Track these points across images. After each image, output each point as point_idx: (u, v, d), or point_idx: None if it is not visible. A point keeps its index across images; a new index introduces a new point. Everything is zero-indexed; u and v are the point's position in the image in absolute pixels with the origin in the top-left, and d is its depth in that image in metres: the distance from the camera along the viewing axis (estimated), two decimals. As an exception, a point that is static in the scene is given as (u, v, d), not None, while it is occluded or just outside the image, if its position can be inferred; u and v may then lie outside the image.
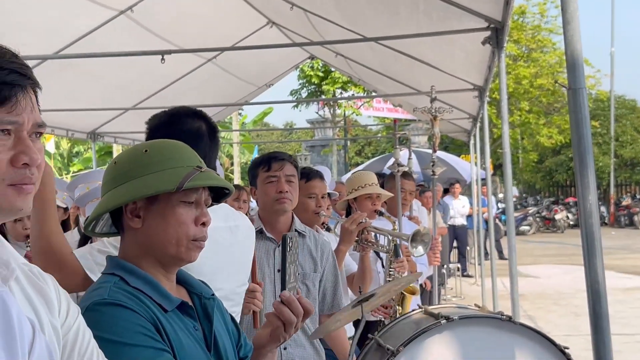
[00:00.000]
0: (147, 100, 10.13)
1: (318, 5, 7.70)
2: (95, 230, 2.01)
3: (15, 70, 1.27)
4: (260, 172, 3.56)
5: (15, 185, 1.26)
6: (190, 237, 1.88)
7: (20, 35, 6.75)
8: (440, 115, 4.93)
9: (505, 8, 4.64)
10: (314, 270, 3.61)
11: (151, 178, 1.84)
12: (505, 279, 9.87)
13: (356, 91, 28.31)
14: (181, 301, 1.88)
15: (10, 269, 1.31)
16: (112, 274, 1.87)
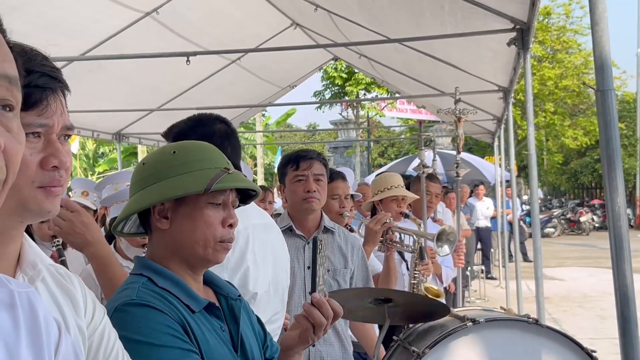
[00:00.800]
0: (172, 102, 10.18)
1: (342, 6, 7.70)
2: (123, 231, 2.03)
3: (47, 74, 1.29)
4: (289, 170, 3.58)
5: (44, 188, 1.27)
6: (217, 239, 1.89)
7: (48, 36, 6.81)
8: (465, 117, 4.91)
9: (531, 9, 4.60)
10: (345, 266, 3.62)
11: (179, 180, 1.85)
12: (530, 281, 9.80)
13: (380, 92, 28.28)
14: (208, 302, 1.89)
15: (37, 269, 1.33)
16: (140, 275, 1.89)
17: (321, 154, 3.70)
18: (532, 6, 4.51)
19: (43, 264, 1.35)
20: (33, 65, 1.27)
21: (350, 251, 3.67)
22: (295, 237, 3.58)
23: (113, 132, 10.97)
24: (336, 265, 3.59)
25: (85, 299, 1.45)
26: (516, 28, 4.97)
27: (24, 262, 1.32)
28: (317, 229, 3.63)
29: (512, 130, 8.70)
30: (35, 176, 1.25)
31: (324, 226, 3.64)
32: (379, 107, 31.07)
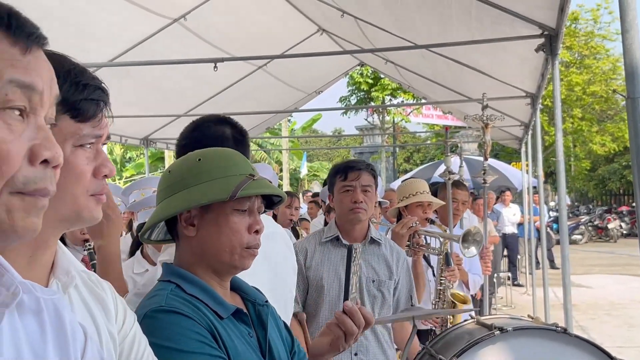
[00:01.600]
0: (198, 107, 10.24)
1: (369, 12, 7.70)
2: (150, 238, 2.04)
3: (99, 87, 1.34)
4: (337, 180, 3.60)
5: (95, 196, 1.31)
6: (243, 245, 1.89)
7: (77, 42, 6.89)
8: (492, 123, 4.88)
9: (559, 15, 4.57)
10: (389, 277, 3.63)
11: (205, 187, 1.86)
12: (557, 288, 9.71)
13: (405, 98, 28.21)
14: (236, 308, 1.90)
15: (70, 276, 1.34)
16: (168, 281, 1.90)
17: (370, 164, 3.71)
18: (561, 12, 4.48)
19: (76, 271, 1.37)
20: (87, 79, 1.32)
21: (396, 262, 3.67)
22: (341, 247, 3.60)
23: (141, 138, 11.06)
24: (381, 276, 3.60)
25: (116, 305, 1.47)
26: (544, 34, 4.94)
27: (58, 269, 1.34)
28: (364, 239, 3.64)
29: (539, 137, 8.64)
30: (90, 185, 1.30)
31: (370, 237, 3.64)
32: (405, 113, 31.01)
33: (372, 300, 3.54)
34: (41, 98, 0.90)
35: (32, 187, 0.88)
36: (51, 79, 0.94)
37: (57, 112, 1.27)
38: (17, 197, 0.87)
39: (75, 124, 1.29)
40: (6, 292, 0.93)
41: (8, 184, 0.86)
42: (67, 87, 1.29)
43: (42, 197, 0.90)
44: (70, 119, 1.29)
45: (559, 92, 5.10)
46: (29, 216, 0.88)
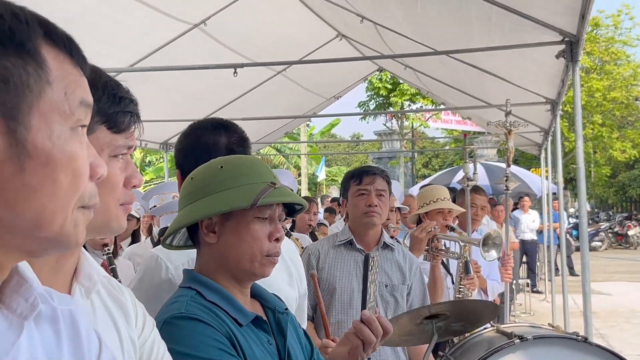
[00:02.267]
0: (218, 112, 10.26)
1: (388, 18, 7.70)
2: (172, 244, 2.05)
3: (132, 100, 1.38)
4: (352, 185, 3.62)
5: (124, 205, 1.36)
6: (264, 253, 1.90)
7: (98, 47, 6.94)
8: (515, 130, 4.85)
9: (580, 22, 4.55)
10: (402, 282, 3.63)
11: (226, 194, 1.87)
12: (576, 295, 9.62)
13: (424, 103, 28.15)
14: (256, 315, 1.90)
15: (93, 281, 1.37)
16: (188, 288, 1.91)
17: (384, 171, 3.75)
18: (582, 19, 4.46)
19: (98, 277, 1.39)
20: (122, 92, 1.37)
21: (409, 268, 3.68)
22: (354, 251, 3.61)
23: (160, 142, 11.11)
24: (394, 281, 3.60)
25: (136, 310, 1.49)
26: (565, 40, 4.92)
27: (81, 274, 1.36)
28: (377, 244, 3.64)
29: (559, 143, 8.59)
30: (121, 195, 1.34)
31: (383, 242, 3.65)
32: (424, 118, 30.95)
33: (385, 306, 3.54)
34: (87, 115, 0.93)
35: (93, 201, 0.93)
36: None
37: (95, 122, 1.30)
38: (80, 212, 0.91)
39: (111, 135, 1.33)
40: (25, 303, 0.94)
41: (80, 200, 0.90)
42: (105, 100, 1.33)
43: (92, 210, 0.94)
44: (107, 130, 1.32)
45: (579, 99, 5.06)
46: (83, 229, 0.92)
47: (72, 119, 0.88)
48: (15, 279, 0.95)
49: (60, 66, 0.89)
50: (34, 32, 0.87)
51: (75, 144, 0.88)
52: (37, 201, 0.85)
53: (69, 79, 0.89)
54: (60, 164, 0.86)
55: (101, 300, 1.41)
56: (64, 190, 0.87)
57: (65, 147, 0.87)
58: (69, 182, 0.87)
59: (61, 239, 0.89)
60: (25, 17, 0.88)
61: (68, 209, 0.88)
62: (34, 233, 0.87)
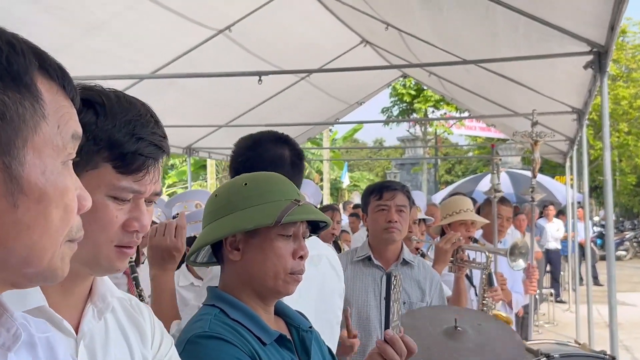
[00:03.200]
0: (240, 118, 10.29)
1: (413, 25, 7.66)
2: (196, 260, 2.04)
3: (154, 143, 1.32)
4: (372, 200, 3.59)
5: (120, 248, 1.31)
6: (288, 271, 1.89)
7: (125, 53, 6.98)
8: (542, 140, 4.79)
9: (609, 33, 4.49)
10: (421, 299, 3.59)
11: (250, 212, 1.86)
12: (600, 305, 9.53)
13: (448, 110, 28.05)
14: (279, 334, 1.88)
15: (106, 302, 1.37)
16: (212, 305, 1.90)
17: (405, 186, 3.70)
18: (611, 30, 4.40)
19: (113, 297, 1.39)
20: (144, 133, 1.30)
21: (429, 285, 3.64)
22: (373, 267, 3.58)
23: (184, 146, 11.15)
24: (412, 298, 3.57)
25: (154, 329, 1.49)
26: (593, 51, 4.85)
27: (95, 295, 1.36)
28: (396, 261, 3.60)
29: (585, 153, 8.50)
30: (115, 236, 1.29)
31: (403, 258, 3.61)
32: (447, 125, 30.85)
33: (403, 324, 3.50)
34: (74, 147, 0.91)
35: (79, 234, 0.91)
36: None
37: (103, 158, 1.26)
38: (67, 245, 0.90)
39: (115, 174, 1.28)
40: (7, 334, 0.92)
41: (67, 234, 0.89)
42: (121, 136, 1.28)
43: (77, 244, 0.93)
44: (111, 169, 1.27)
45: (607, 110, 5.00)
46: (69, 262, 0.91)
47: (64, 152, 0.87)
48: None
49: (53, 98, 0.87)
50: (30, 64, 0.85)
51: (66, 179, 0.87)
52: (28, 238, 0.84)
53: (62, 112, 0.88)
54: (53, 200, 0.85)
55: (116, 320, 1.41)
56: (56, 226, 0.86)
57: (57, 183, 0.85)
58: (60, 217, 0.86)
59: (48, 273, 0.87)
60: (22, 48, 0.86)
61: (58, 243, 0.87)
62: (23, 269, 0.85)
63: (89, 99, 1.28)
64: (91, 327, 1.32)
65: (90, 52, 6.47)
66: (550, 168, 28.60)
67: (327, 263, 2.72)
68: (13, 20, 5.43)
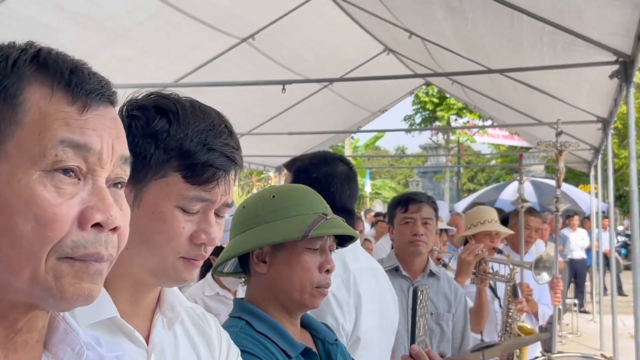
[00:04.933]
0: (263, 126, 10.31)
1: (437, 34, 7.65)
2: (223, 271, 2.05)
3: (226, 155, 1.29)
4: (398, 212, 3.58)
5: (187, 259, 1.27)
6: (314, 284, 1.89)
7: (148, 60, 7.03)
8: (566, 150, 4.75)
9: (636, 42, 4.45)
10: (448, 310, 3.59)
11: (278, 225, 1.86)
12: (624, 316, 9.44)
13: (471, 118, 27.94)
14: (305, 347, 1.88)
15: (175, 312, 1.35)
16: (238, 318, 1.90)
17: (431, 197, 3.68)
18: (638, 40, 4.36)
19: (182, 307, 1.37)
20: (216, 144, 1.28)
21: (454, 296, 3.63)
22: (400, 278, 3.57)
23: (207, 155, 11.17)
24: (439, 309, 3.56)
25: (220, 339, 1.48)
26: (619, 61, 4.82)
27: (164, 305, 1.35)
28: (423, 272, 3.59)
29: (611, 163, 8.43)
30: (182, 248, 1.26)
31: (429, 270, 3.60)
32: (470, 133, 30.73)
33: (430, 334, 3.49)
34: (100, 158, 0.86)
35: (82, 251, 0.83)
36: (116, 137, 0.89)
37: (172, 168, 1.24)
38: (66, 263, 0.83)
39: (184, 184, 1.25)
40: (71, 352, 0.93)
41: (55, 249, 0.82)
42: (193, 146, 1.26)
43: (96, 263, 0.85)
44: (181, 178, 1.25)
45: (633, 120, 4.97)
46: (80, 282, 0.84)
47: (43, 161, 0.81)
48: (62, 328, 0.94)
49: (46, 104, 0.83)
50: (16, 72, 0.84)
51: (39, 188, 0.81)
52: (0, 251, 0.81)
53: (52, 117, 0.83)
54: (16, 210, 0.80)
55: (184, 330, 1.40)
56: (27, 239, 0.80)
57: (22, 192, 0.80)
58: (32, 229, 0.80)
59: (40, 292, 0.82)
60: (15, 58, 0.84)
61: (36, 259, 0.81)
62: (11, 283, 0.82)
63: (162, 107, 1.28)
64: (161, 337, 1.31)
65: (115, 60, 6.52)
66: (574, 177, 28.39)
67: (383, 276, 2.75)
68: (39, 29, 5.49)
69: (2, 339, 0.86)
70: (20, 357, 0.88)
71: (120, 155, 0.90)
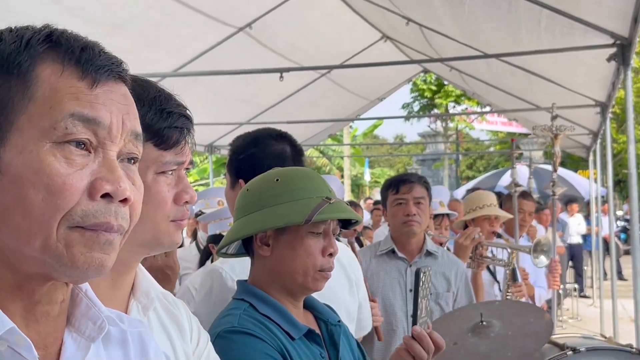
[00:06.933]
0: (261, 115, 10.30)
1: (435, 20, 7.64)
2: (227, 252, 2.06)
3: (183, 115, 1.35)
4: (390, 194, 3.60)
5: (176, 222, 1.33)
6: (317, 268, 1.89)
7: (146, 52, 7.01)
8: (562, 134, 4.75)
9: (633, 25, 4.46)
10: (447, 289, 3.59)
11: (281, 209, 1.86)
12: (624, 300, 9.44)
13: (470, 105, 27.92)
14: (308, 329, 1.89)
15: (150, 298, 1.37)
16: (242, 300, 1.91)
17: (423, 177, 3.69)
18: (635, 22, 4.36)
19: (155, 293, 1.40)
20: (171, 106, 1.34)
21: (454, 275, 3.63)
22: (397, 260, 3.58)
23: (205, 144, 11.18)
24: (438, 288, 3.57)
25: (191, 325, 1.49)
26: (617, 44, 4.82)
27: (138, 291, 1.37)
28: (420, 253, 3.60)
29: (609, 147, 8.43)
30: (171, 211, 1.32)
31: (426, 250, 3.61)
32: (469, 120, 30.72)
33: (430, 314, 3.50)
34: (109, 133, 0.88)
35: (92, 221, 0.86)
36: (126, 113, 0.92)
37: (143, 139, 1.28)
38: (77, 232, 0.85)
39: (157, 151, 1.30)
40: (92, 326, 0.95)
41: (66, 218, 0.84)
42: (152, 115, 1.30)
43: (106, 232, 0.87)
44: (153, 146, 1.30)
45: (631, 103, 4.96)
46: (90, 251, 0.86)
47: (53, 133, 0.84)
48: (84, 303, 0.97)
49: (56, 80, 0.86)
50: (29, 50, 0.87)
51: (49, 159, 0.84)
52: (12, 220, 0.84)
53: (63, 92, 0.86)
54: (27, 179, 0.83)
55: (157, 317, 1.41)
56: (38, 208, 0.83)
57: (33, 163, 0.83)
58: (42, 199, 0.83)
59: (51, 261, 0.85)
60: (29, 37, 0.88)
61: (48, 227, 0.84)
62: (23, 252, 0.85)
63: None
64: None
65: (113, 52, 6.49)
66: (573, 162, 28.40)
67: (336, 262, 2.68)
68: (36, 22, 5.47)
69: (22, 310, 0.88)
70: (42, 328, 0.90)
71: (131, 131, 0.92)
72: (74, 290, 0.96)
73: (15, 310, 0.87)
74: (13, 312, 0.86)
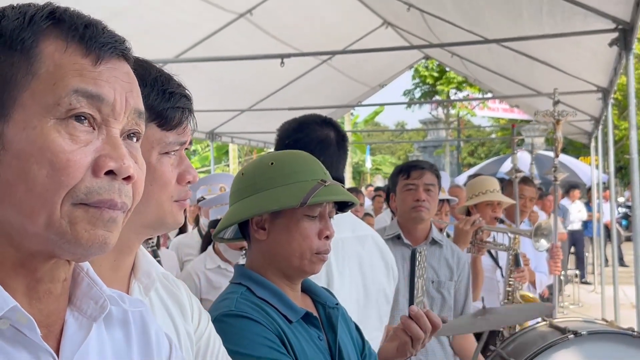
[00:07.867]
0: (262, 102, 10.30)
1: (436, 6, 7.61)
2: (224, 237, 2.06)
3: (184, 95, 1.35)
4: (400, 179, 3.59)
5: (179, 202, 1.34)
6: (313, 251, 1.89)
7: (146, 39, 6.98)
8: (564, 119, 4.74)
9: (635, 9, 4.43)
10: (450, 278, 3.60)
11: (276, 192, 1.86)
12: (625, 287, 9.46)
13: (471, 91, 27.88)
14: (306, 312, 1.89)
15: (151, 278, 1.38)
16: (239, 284, 1.91)
17: (433, 165, 3.69)
18: (637, 6, 4.34)
19: (156, 273, 1.40)
20: (172, 87, 1.34)
21: (457, 264, 3.63)
22: (402, 246, 3.58)
23: (206, 131, 11.18)
24: (441, 277, 3.57)
25: (192, 304, 1.50)
26: (618, 28, 4.80)
27: (139, 271, 1.37)
28: (425, 240, 3.61)
29: (611, 133, 8.42)
30: (174, 192, 1.33)
31: (432, 237, 3.61)
32: (470, 107, 30.68)
33: (431, 302, 3.51)
34: (113, 110, 0.88)
35: (96, 197, 0.86)
36: (129, 90, 0.92)
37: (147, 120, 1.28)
38: (81, 209, 0.85)
39: (161, 132, 1.31)
40: (94, 305, 0.95)
41: (70, 195, 0.84)
42: (155, 96, 1.30)
43: (110, 210, 0.87)
44: (156, 127, 1.30)
45: (633, 88, 4.95)
46: (94, 228, 0.86)
47: (57, 109, 0.84)
48: (86, 282, 0.96)
49: (60, 56, 0.87)
50: (32, 27, 0.87)
51: (53, 135, 0.84)
52: (14, 196, 0.84)
53: (67, 69, 0.86)
54: (30, 155, 0.83)
55: (159, 297, 1.42)
56: (42, 184, 0.83)
57: (37, 139, 0.83)
58: (47, 175, 0.83)
59: (55, 237, 0.85)
60: (32, 14, 0.88)
61: (52, 204, 0.84)
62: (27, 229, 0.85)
63: None
64: None
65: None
66: (575, 149, 28.38)
67: (373, 243, 2.71)
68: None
69: (24, 287, 0.89)
70: (44, 306, 0.91)
71: (134, 109, 0.93)
72: (75, 269, 0.96)
73: (18, 288, 0.88)
74: (15, 290, 0.87)
